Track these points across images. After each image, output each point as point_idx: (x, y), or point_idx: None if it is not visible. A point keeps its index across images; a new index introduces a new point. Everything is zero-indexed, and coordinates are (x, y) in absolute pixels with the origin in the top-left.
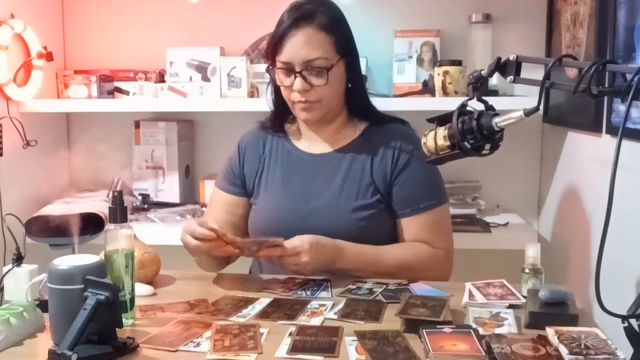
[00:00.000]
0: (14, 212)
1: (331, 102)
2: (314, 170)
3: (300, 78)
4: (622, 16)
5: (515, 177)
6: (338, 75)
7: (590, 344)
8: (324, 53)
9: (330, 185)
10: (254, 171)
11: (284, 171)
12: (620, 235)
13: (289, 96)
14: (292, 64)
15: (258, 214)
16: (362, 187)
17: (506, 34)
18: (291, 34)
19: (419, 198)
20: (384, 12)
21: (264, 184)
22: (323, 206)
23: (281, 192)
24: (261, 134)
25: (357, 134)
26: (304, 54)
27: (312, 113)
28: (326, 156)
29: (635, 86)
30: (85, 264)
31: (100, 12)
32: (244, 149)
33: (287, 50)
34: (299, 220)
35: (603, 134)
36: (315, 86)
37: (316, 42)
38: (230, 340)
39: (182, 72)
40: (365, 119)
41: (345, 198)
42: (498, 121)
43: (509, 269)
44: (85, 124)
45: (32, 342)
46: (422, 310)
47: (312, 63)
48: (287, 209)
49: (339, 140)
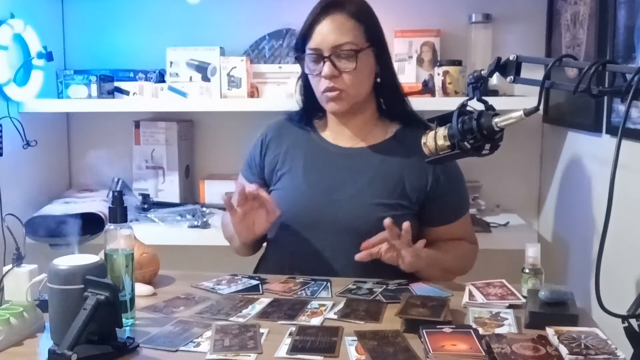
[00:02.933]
0: (14, 212)
1: (358, 92)
2: (340, 162)
3: (329, 63)
4: (622, 16)
5: (515, 177)
6: (367, 63)
7: (590, 344)
8: (354, 39)
9: (357, 179)
10: (275, 160)
11: (307, 159)
12: (620, 235)
13: (317, 85)
14: (321, 50)
15: (279, 199)
16: (390, 188)
17: (506, 34)
18: (320, 21)
19: (460, 206)
20: (384, 12)
21: (286, 171)
22: (348, 199)
23: (304, 180)
24: (287, 125)
25: (388, 135)
26: (333, 39)
27: (340, 103)
28: (354, 150)
29: (635, 86)
30: (85, 264)
31: (100, 12)
32: (268, 139)
33: (316, 36)
34: (320, 210)
35: (603, 134)
36: (343, 72)
37: (345, 28)
38: (230, 340)
39: (182, 72)
40: (396, 120)
41: (371, 194)
42: (498, 121)
43: (509, 269)
44: (85, 124)
45: (32, 342)
46: (422, 310)
47: (340, 48)
48: (310, 197)
49: (368, 138)
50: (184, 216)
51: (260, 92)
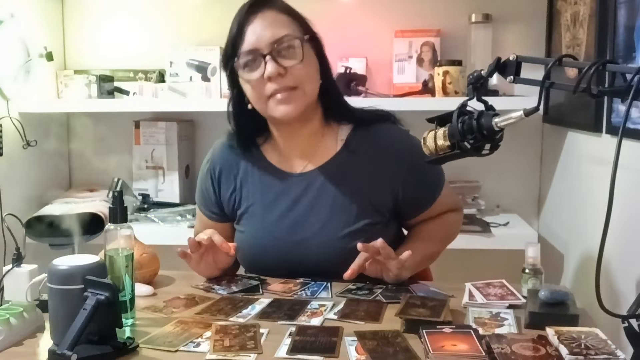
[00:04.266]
0: (14, 212)
1: (311, 88)
2: (296, 192)
3: (272, 61)
4: (622, 16)
5: (515, 177)
6: (312, 56)
7: (590, 344)
8: (292, 31)
9: (317, 210)
10: (232, 198)
11: (264, 195)
12: (621, 236)
13: (262, 91)
14: (258, 49)
15: (243, 244)
16: (354, 211)
17: (506, 34)
18: (251, 21)
19: (432, 191)
20: (384, 12)
21: (245, 211)
22: (312, 236)
23: (264, 220)
24: (232, 154)
25: (339, 145)
26: (270, 35)
27: (292, 104)
28: (308, 175)
29: (635, 86)
30: (85, 264)
31: (100, 12)
32: (217, 174)
33: (249, 37)
34: (288, 252)
35: (603, 134)
36: (289, 68)
37: (280, 22)
38: (230, 340)
39: (182, 72)
40: (344, 122)
41: (336, 225)
42: (498, 121)
43: (509, 269)
44: (85, 124)
45: (32, 342)
46: (422, 311)
47: (280, 42)
48: (274, 241)
49: (319, 154)
50: (184, 216)
51: None
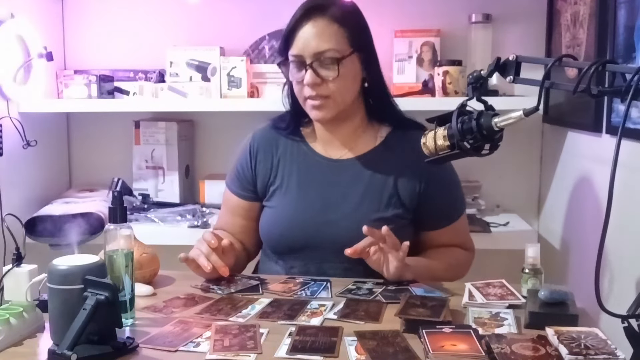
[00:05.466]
0: (14, 212)
1: (344, 99)
2: (332, 176)
3: (311, 71)
4: (622, 16)
5: (515, 177)
6: (352, 70)
7: (590, 344)
8: (336, 45)
9: (350, 194)
10: (267, 174)
11: (301, 175)
12: (620, 235)
13: (301, 92)
14: (302, 57)
15: (272, 218)
16: (384, 200)
17: (506, 34)
18: (302, 26)
19: (452, 210)
20: (384, 12)
21: (279, 187)
22: (342, 218)
23: (298, 198)
24: (274, 134)
25: (378, 141)
26: (315, 46)
27: (324, 111)
28: (345, 162)
29: (635, 86)
30: (85, 264)
31: (100, 12)
32: (255, 149)
33: (298, 42)
34: (316, 231)
35: (603, 134)
36: (325, 80)
37: (327, 33)
38: (230, 340)
39: (182, 72)
40: (386, 123)
41: (365, 210)
42: (498, 121)
43: (509, 269)
44: (85, 124)
45: (32, 342)
46: (422, 311)
47: (323, 55)
48: (304, 218)
49: (358, 146)
50: (184, 216)
51: (260, 92)
